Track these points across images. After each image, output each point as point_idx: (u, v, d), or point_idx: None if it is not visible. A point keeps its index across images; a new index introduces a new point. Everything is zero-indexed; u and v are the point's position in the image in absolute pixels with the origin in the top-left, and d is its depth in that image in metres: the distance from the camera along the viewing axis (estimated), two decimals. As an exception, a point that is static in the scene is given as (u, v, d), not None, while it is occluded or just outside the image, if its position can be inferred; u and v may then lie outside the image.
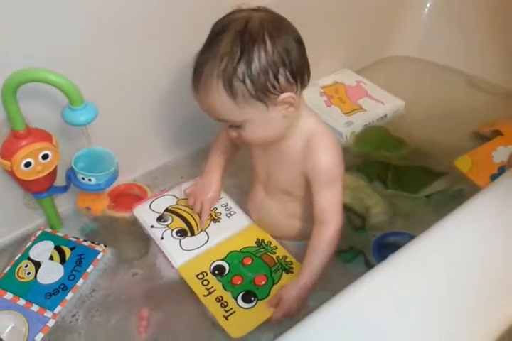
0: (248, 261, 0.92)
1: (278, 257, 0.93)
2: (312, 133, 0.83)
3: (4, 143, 0.84)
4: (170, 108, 1.10)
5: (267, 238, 0.96)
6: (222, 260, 0.92)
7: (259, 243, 0.95)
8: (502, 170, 1.09)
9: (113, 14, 0.90)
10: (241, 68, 0.72)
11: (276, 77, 0.74)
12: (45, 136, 0.86)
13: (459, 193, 1.06)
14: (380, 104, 1.31)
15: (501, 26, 1.35)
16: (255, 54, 0.72)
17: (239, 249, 0.94)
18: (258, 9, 0.76)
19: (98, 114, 0.80)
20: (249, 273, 0.90)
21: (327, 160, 0.83)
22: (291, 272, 0.90)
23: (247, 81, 0.72)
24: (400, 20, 1.45)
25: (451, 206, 0.77)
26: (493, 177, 1.07)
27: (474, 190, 0.85)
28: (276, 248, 0.94)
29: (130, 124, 1.05)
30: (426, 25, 1.47)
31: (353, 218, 1.04)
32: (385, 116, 1.29)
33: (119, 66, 0.95)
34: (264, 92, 0.74)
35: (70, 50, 0.87)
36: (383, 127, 1.27)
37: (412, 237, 0.73)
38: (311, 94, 1.30)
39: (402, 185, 1.11)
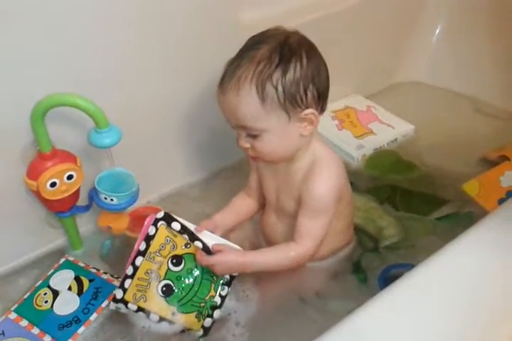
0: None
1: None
2: (318, 158, 0.84)
3: (31, 164, 0.87)
4: (190, 130, 1.13)
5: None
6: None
7: None
8: (510, 194, 1.10)
9: (135, 37, 0.93)
10: (276, 74, 0.75)
11: (305, 91, 0.77)
12: (70, 157, 0.89)
13: (468, 216, 1.08)
14: (391, 128, 1.34)
15: (511, 52, 1.37)
16: (292, 65, 0.76)
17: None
18: (295, 32, 0.80)
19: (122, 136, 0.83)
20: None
21: (322, 190, 0.83)
22: None
23: (280, 88, 0.75)
24: (410, 46, 1.48)
25: (461, 229, 0.79)
26: (501, 202, 1.08)
27: (483, 213, 0.87)
28: None
29: (151, 147, 1.08)
30: (435, 52, 1.50)
31: (365, 240, 1.04)
32: (396, 140, 1.32)
33: (141, 90, 0.99)
34: (291, 103, 0.77)
35: (94, 73, 0.90)
36: (394, 151, 1.29)
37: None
38: (323, 117, 1.31)
39: (411, 208, 1.12)
